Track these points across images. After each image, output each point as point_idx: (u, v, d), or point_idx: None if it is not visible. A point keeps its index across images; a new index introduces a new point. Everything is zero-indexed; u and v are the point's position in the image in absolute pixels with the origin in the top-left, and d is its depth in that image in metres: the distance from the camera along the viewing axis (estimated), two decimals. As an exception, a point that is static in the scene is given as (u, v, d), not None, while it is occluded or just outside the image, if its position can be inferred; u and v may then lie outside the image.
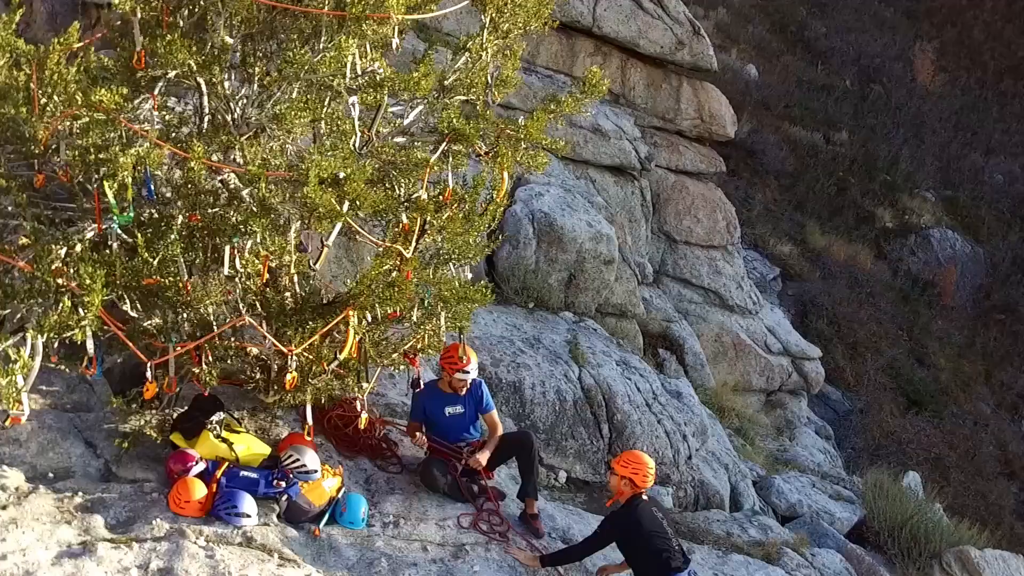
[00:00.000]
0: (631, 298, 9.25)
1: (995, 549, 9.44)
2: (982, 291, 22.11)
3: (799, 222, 21.29)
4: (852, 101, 25.83)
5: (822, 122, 24.37)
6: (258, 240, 3.71)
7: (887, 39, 28.90)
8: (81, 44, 5.15)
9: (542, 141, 5.03)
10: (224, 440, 4.39)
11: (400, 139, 4.96)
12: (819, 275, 19.54)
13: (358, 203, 3.66)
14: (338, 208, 3.63)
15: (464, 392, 4.95)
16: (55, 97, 4.01)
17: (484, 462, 4.85)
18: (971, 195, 24.03)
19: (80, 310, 3.53)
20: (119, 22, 4.79)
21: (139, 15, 3.91)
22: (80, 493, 4.09)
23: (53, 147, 4.09)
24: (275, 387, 4.53)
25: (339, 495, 4.46)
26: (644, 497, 4.51)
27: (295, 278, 4.18)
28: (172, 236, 3.79)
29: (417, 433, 4.89)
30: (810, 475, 9.64)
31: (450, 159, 4.68)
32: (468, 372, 4.80)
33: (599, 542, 4.51)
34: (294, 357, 3.85)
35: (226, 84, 4.43)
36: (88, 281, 3.48)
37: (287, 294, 4.44)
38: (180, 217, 3.86)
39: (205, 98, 4.39)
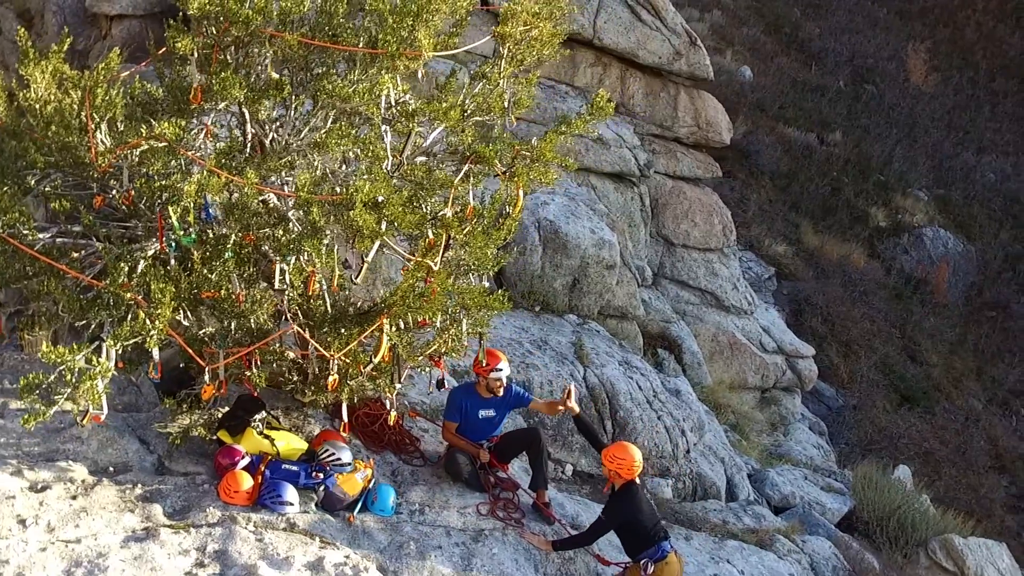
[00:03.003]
0: (631, 300, 9.71)
1: (979, 537, 9.94)
2: (974, 288, 22.48)
3: (793, 222, 21.64)
4: (846, 101, 26.17)
5: (816, 123, 24.67)
6: (306, 258, 4.15)
7: (880, 40, 29.25)
8: (130, 72, 5.59)
9: (554, 160, 5.49)
10: (266, 436, 4.84)
11: (422, 159, 5.41)
12: (812, 274, 19.90)
13: (396, 223, 4.10)
14: (378, 229, 4.07)
15: (501, 393, 5.34)
16: (103, 125, 4.44)
17: (575, 404, 5.15)
18: (963, 194, 24.36)
19: (150, 322, 3.97)
20: (162, 51, 5.20)
21: (196, 55, 4.33)
22: (139, 485, 4.54)
23: (112, 172, 4.53)
24: (312, 388, 4.98)
25: (370, 485, 4.90)
26: (638, 482, 4.97)
27: (337, 291, 4.61)
28: (228, 254, 4.23)
29: (457, 437, 5.32)
30: (803, 468, 10.11)
31: (471, 179, 5.13)
32: (501, 370, 5.22)
33: (604, 528, 4.96)
34: (335, 361, 4.30)
35: (265, 112, 4.86)
36: (159, 296, 3.91)
37: (327, 304, 4.88)
38: (233, 236, 4.29)
39: (248, 125, 4.84)
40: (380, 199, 4.11)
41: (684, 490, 7.58)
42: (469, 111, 5.41)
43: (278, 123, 5.02)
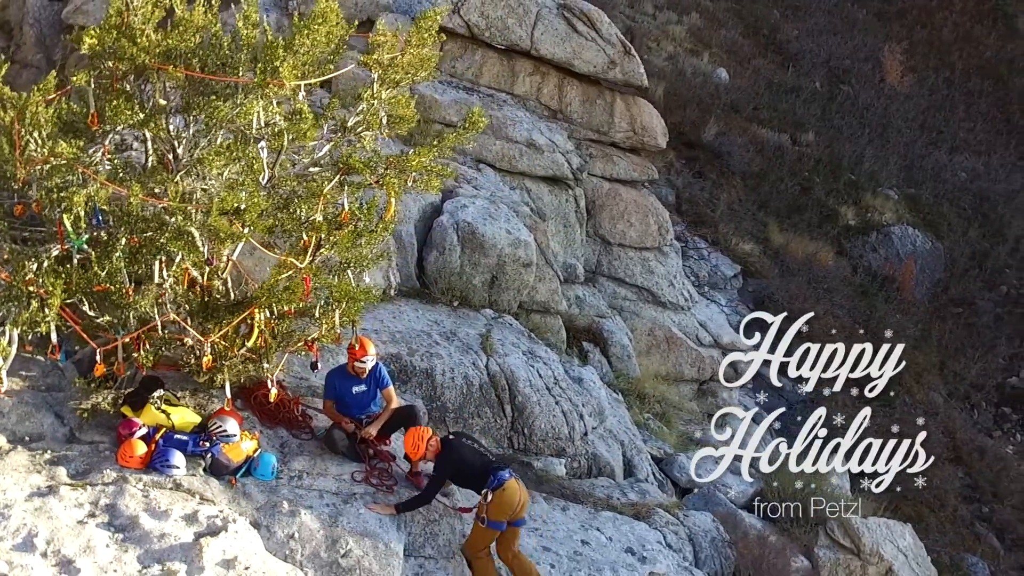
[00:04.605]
0: (553, 296, 10.43)
1: (879, 517, 10.60)
2: (940, 285, 22.86)
3: (762, 221, 22.12)
4: (820, 102, 26.55)
5: (790, 123, 25.04)
6: (178, 257, 4.91)
7: (858, 41, 29.59)
8: (55, 95, 6.35)
9: (435, 170, 6.26)
10: (163, 411, 5.61)
11: (315, 169, 6.17)
12: (778, 272, 20.41)
13: (253, 228, 4.86)
14: (238, 232, 4.83)
15: (366, 375, 6.13)
16: (35, 138, 5.19)
17: (374, 433, 6.05)
18: (933, 193, 24.69)
19: (45, 310, 4.75)
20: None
21: (92, 85, 5.10)
22: (49, 451, 5.32)
23: (28, 184, 5.30)
24: (204, 370, 5.74)
25: (255, 455, 5.66)
26: (451, 436, 5.72)
27: (215, 283, 5.38)
28: (117, 253, 4.99)
29: (335, 413, 6.12)
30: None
31: (346, 187, 5.88)
32: (364, 362, 5.99)
33: (437, 484, 5.72)
34: (208, 344, 5.06)
35: (171, 128, 5.62)
36: (50, 288, 4.69)
37: (216, 295, 5.66)
38: (123, 239, 5.06)
39: (149, 143, 5.61)
40: (242, 207, 4.86)
41: (579, 469, 8.31)
42: (353, 127, 6.18)
43: (183, 138, 5.78)
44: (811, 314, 10.93)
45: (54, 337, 4.86)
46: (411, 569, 5.75)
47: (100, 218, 4.92)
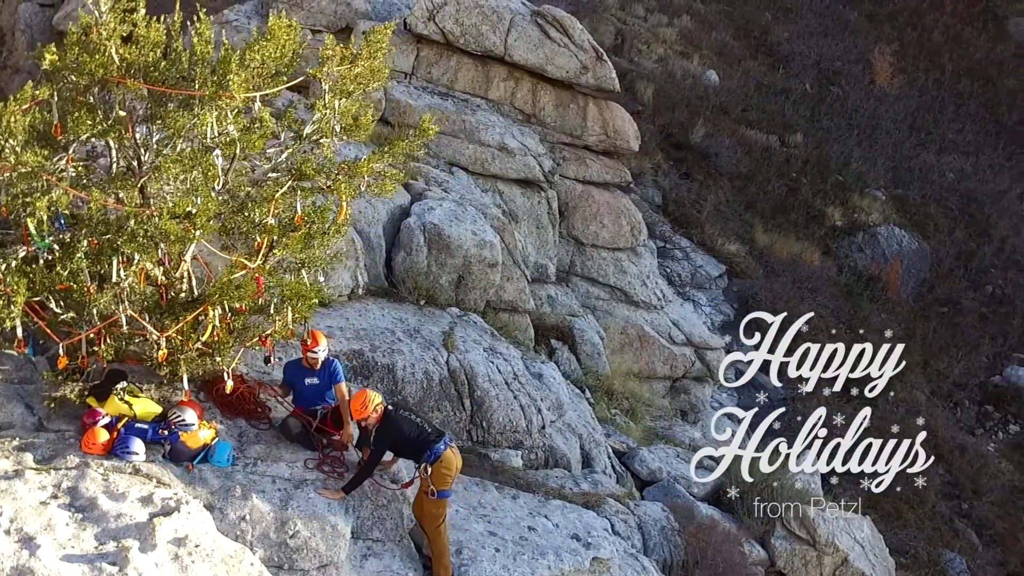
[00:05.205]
0: (521, 295, 10.80)
1: (838, 510, 10.90)
2: (925, 285, 23.06)
3: (748, 222, 22.39)
4: (810, 104, 26.77)
5: (778, 125, 25.26)
6: (135, 258, 5.30)
7: (848, 43, 29.80)
8: (30, 104, 6.73)
9: (386, 173, 6.64)
10: (126, 402, 5.99)
11: (273, 174, 6.54)
12: (762, 272, 20.67)
13: (205, 231, 5.25)
14: (189, 234, 5.21)
15: (319, 367, 6.51)
16: (9, 145, 5.57)
17: (352, 436, 6.40)
18: (921, 193, 24.89)
19: (11, 307, 5.15)
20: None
21: (56, 98, 5.49)
22: (17, 439, 5.70)
23: (-1, 189, 5.69)
24: (162, 363, 6.12)
25: (212, 442, 6.04)
26: (390, 408, 6.08)
27: (174, 281, 5.78)
28: (79, 254, 5.38)
29: (280, 395, 6.54)
30: (680, 448, 11.13)
31: (299, 192, 6.26)
32: (316, 352, 6.38)
33: (376, 457, 6.08)
34: (163, 338, 5.45)
35: (138, 137, 6.00)
36: (15, 287, 5.08)
37: (175, 293, 6.04)
38: (84, 241, 5.45)
39: (114, 151, 6.00)
40: (193, 211, 5.24)
41: (536, 461, 8.67)
42: (309, 135, 6.56)
43: (151, 147, 6.17)
44: (811, 314, 11.14)
45: (19, 331, 5.25)
46: (359, 551, 6.13)
47: (62, 222, 5.30)
